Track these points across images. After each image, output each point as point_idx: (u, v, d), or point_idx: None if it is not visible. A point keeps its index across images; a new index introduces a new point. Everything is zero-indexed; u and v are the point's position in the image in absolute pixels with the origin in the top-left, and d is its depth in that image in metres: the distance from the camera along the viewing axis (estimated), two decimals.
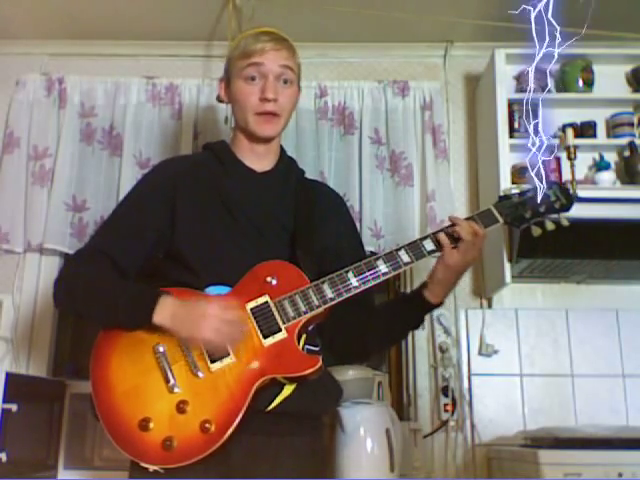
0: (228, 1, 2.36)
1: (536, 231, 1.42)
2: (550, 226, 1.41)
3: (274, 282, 1.31)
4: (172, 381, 1.24)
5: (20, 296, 2.45)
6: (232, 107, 1.47)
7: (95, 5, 2.42)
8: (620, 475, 1.72)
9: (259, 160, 1.47)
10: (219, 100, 1.55)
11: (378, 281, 1.32)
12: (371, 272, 1.32)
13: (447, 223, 1.38)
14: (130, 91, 2.55)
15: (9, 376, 1.84)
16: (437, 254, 1.36)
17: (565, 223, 1.42)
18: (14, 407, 1.83)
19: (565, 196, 1.41)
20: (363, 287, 1.31)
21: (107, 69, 2.63)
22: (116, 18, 2.50)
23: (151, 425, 1.21)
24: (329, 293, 1.30)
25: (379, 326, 1.42)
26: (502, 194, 1.43)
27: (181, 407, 1.22)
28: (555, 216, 1.41)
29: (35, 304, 2.46)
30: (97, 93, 2.56)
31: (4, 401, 1.80)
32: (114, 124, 2.52)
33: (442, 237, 1.35)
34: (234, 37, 2.35)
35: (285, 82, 1.41)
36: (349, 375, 2.06)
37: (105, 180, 2.49)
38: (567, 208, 1.41)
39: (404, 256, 1.34)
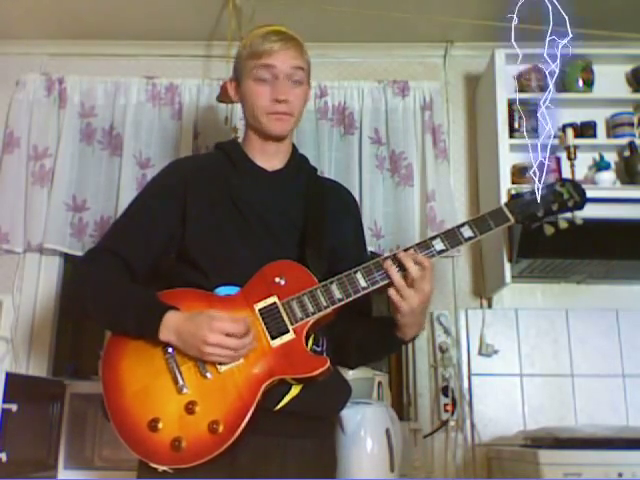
0: (228, 1, 2.36)
1: (549, 230, 1.39)
2: (563, 225, 1.39)
3: (282, 282, 1.31)
4: (181, 382, 1.25)
5: (20, 296, 2.45)
6: (243, 107, 1.47)
7: (95, 5, 2.42)
8: (620, 475, 1.72)
9: (270, 159, 1.47)
10: (220, 100, 1.55)
11: (386, 282, 1.30)
12: (379, 273, 1.30)
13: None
14: (130, 91, 2.55)
15: (9, 376, 1.84)
16: (446, 253, 1.34)
17: (579, 222, 1.38)
18: (14, 407, 1.83)
19: (578, 194, 1.38)
20: (372, 288, 1.30)
21: (107, 69, 2.63)
22: (116, 18, 2.50)
23: (160, 425, 1.22)
24: (337, 294, 1.29)
25: (357, 347, 1.41)
26: (514, 193, 1.41)
27: (190, 408, 1.23)
28: (568, 214, 1.39)
29: (35, 304, 2.46)
30: (97, 93, 2.56)
31: (4, 401, 1.80)
32: (114, 124, 2.52)
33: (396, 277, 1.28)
34: (234, 37, 2.35)
35: (295, 82, 1.41)
36: (349, 375, 2.05)
37: (105, 180, 2.49)
38: (580, 206, 1.39)
39: None
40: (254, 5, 2.31)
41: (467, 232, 1.35)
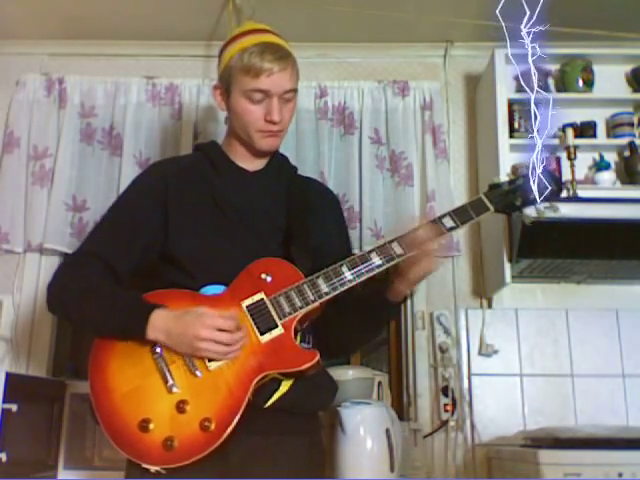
0: (228, 1, 2.36)
1: (528, 219, 1.42)
2: (542, 214, 1.42)
3: (269, 279, 1.32)
4: (170, 381, 1.24)
5: (20, 296, 2.45)
6: (231, 117, 1.45)
7: (95, 5, 2.42)
8: (620, 475, 1.72)
9: (252, 161, 1.48)
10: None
11: (372, 274, 1.32)
12: (365, 265, 1.32)
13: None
14: (130, 91, 2.55)
15: (9, 376, 1.84)
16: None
17: (557, 210, 1.42)
18: (14, 407, 1.83)
19: (555, 182, 1.40)
20: (357, 280, 1.31)
21: (107, 69, 2.63)
22: (116, 18, 2.50)
23: (151, 426, 1.21)
24: (324, 287, 1.30)
25: (354, 322, 1.42)
26: (493, 182, 1.43)
27: (181, 407, 1.23)
28: (546, 203, 1.41)
29: (35, 304, 2.46)
30: (97, 93, 2.56)
31: (4, 401, 1.80)
32: (114, 124, 2.52)
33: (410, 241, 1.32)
34: None
35: (287, 100, 1.40)
36: (349, 375, 2.06)
37: (105, 180, 2.49)
38: (557, 195, 1.41)
39: (397, 248, 1.33)
40: (254, 5, 2.31)
41: (449, 222, 1.36)
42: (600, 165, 2.33)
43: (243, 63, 1.37)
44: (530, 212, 1.44)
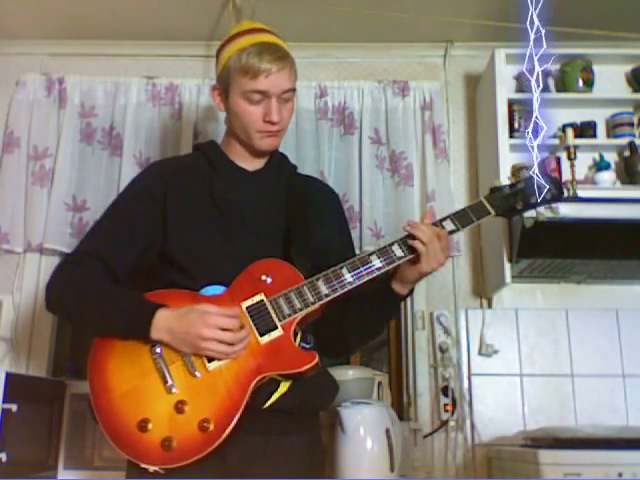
0: (228, 1, 2.36)
1: (528, 222, 1.43)
2: (542, 217, 1.42)
3: (269, 280, 1.32)
4: (170, 382, 1.25)
5: (20, 296, 2.45)
6: (230, 117, 1.45)
7: (95, 5, 2.42)
8: (620, 475, 1.72)
9: (251, 161, 1.48)
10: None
11: (372, 276, 1.32)
12: (365, 267, 1.32)
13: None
14: (130, 91, 2.55)
15: (9, 376, 1.83)
16: None
17: (557, 214, 1.42)
18: (14, 407, 1.83)
19: (555, 186, 1.41)
20: (357, 282, 1.31)
21: (107, 69, 2.63)
22: (116, 18, 2.50)
23: (150, 426, 1.22)
24: (324, 289, 1.30)
25: (356, 321, 1.42)
26: (493, 186, 1.43)
27: (179, 407, 1.23)
28: (547, 206, 1.42)
29: (35, 304, 2.46)
30: (97, 93, 2.56)
31: (4, 401, 1.80)
32: (114, 124, 2.52)
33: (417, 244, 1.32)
34: None
35: (286, 100, 1.40)
36: (349, 375, 2.06)
37: (105, 180, 2.49)
38: (558, 198, 1.41)
39: (397, 251, 1.34)
40: (254, 5, 2.31)
41: (449, 226, 1.38)
42: (600, 165, 2.33)
43: (241, 64, 1.36)
44: (529, 214, 1.43)
